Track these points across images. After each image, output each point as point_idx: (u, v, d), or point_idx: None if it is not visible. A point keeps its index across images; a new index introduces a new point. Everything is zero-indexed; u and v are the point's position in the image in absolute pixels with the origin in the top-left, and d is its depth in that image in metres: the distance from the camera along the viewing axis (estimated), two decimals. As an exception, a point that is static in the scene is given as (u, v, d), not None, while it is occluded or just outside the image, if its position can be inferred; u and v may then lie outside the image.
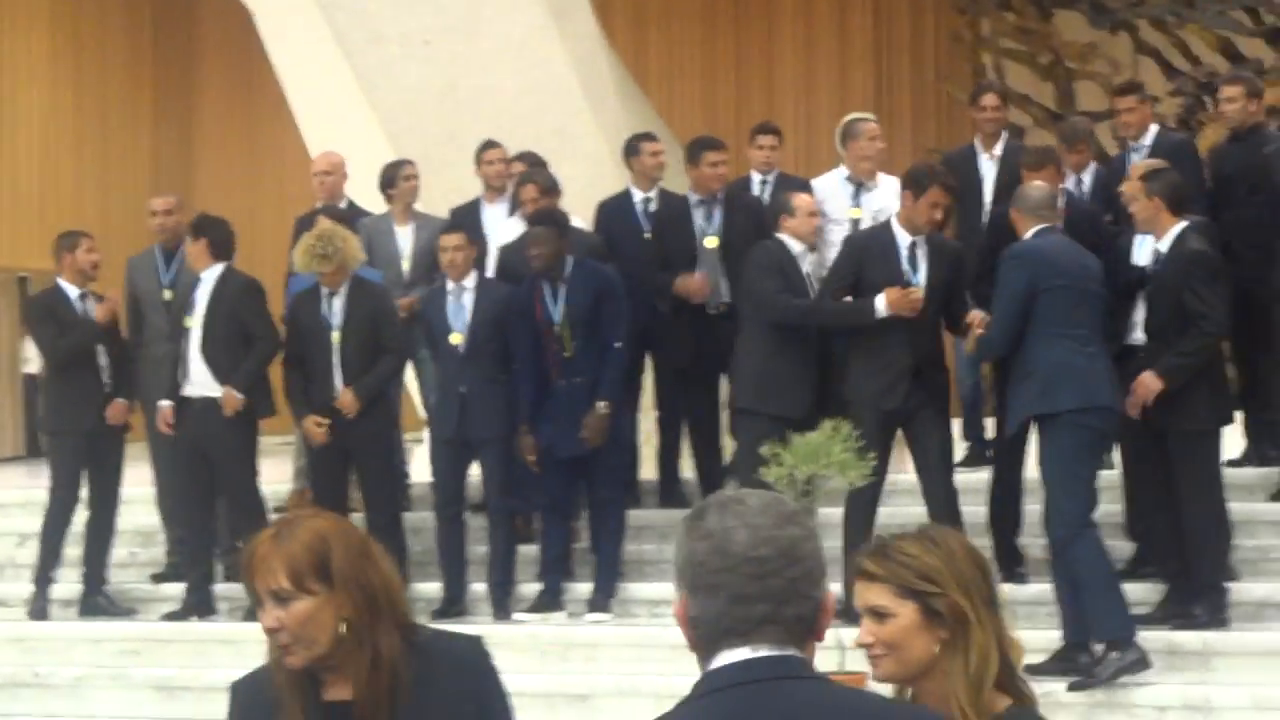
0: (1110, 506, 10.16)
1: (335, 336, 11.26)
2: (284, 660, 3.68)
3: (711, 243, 11.61)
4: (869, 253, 10.36)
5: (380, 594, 3.70)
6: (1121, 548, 10.28)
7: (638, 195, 12.14)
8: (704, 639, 2.82)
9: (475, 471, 11.45)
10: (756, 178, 12.19)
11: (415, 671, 3.69)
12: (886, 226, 10.47)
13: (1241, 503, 10.49)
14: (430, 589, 11.37)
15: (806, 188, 11.63)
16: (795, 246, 10.70)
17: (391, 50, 14.45)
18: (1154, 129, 11.71)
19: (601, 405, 10.91)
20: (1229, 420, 10.05)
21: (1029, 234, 9.75)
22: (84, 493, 11.80)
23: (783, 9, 19.09)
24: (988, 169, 11.74)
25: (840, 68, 19.20)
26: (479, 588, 11.28)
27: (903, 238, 10.31)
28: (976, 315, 10.16)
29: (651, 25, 18.54)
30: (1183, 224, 9.79)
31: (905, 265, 10.25)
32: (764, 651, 2.80)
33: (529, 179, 11.90)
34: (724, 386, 11.62)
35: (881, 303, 10.15)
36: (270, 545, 3.69)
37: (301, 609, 3.65)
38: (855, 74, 19.25)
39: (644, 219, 12.04)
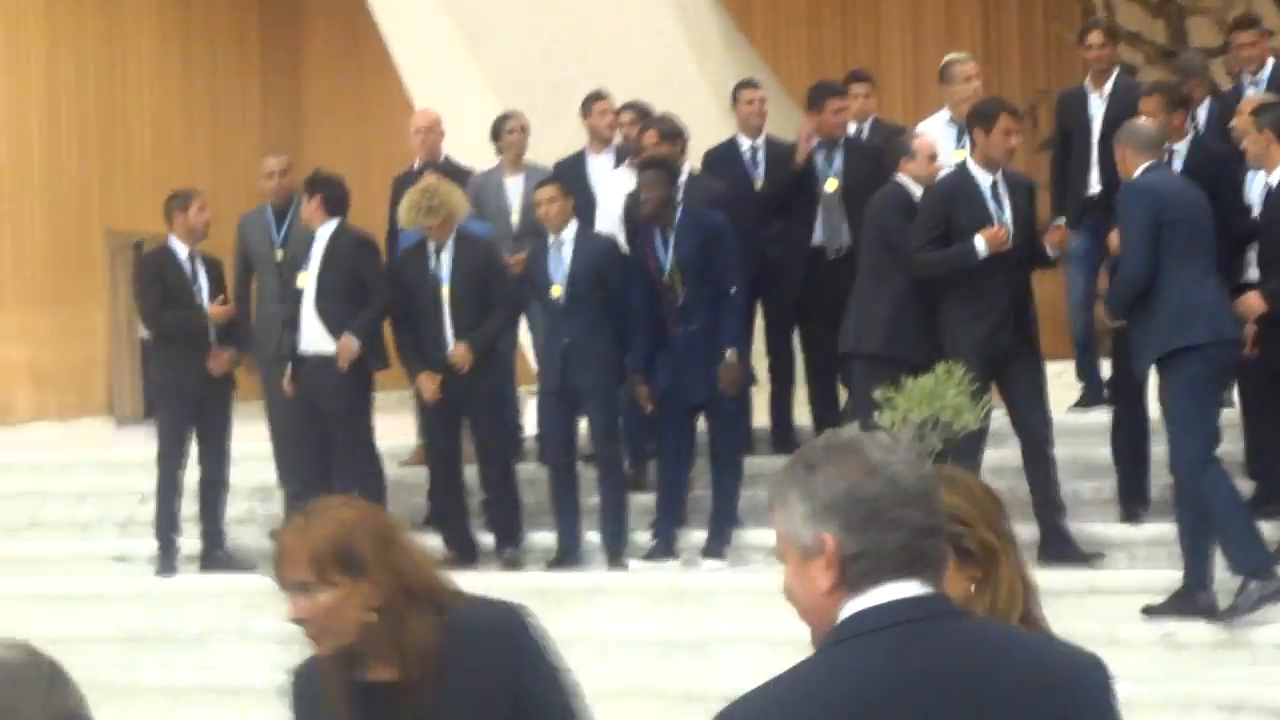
0: (1229, 445, 10.07)
1: (445, 291, 11.31)
2: (314, 648, 3.72)
3: (832, 185, 11.60)
4: (953, 198, 10.32)
5: (412, 579, 3.70)
6: (1242, 487, 10.19)
7: (744, 143, 12.12)
8: (863, 575, 2.77)
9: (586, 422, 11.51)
10: (851, 127, 12.13)
11: (448, 650, 3.69)
12: (964, 168, 10.45)
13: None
14: (546, 539, 11.43)
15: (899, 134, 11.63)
16: (915, 190, 10.67)
17: (496, 4, 14.48)
18: (1271, 63, 11.58)
19: (730, 353, 10.91)
20: None
21: (1140, 170, 9.65)
22: (196, 450, 11.94)
23: (889, -46, 18.97)
24: (1096, 107, 11.63)
25: (947, 11, 19.07)
26: (593, 537, 11.32)
27: (983, 177, 10.28)
28: (1056, 231, 10.19)
29: (756, -26, 18.48)
30: None
31: (991, 204, 10.21)
32: (929, 588, 2.78)
33: (649, 124, 11.89)
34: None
35: (981, 243, 10.11)
36: (294, 537, 3.71)
37: (326, 600, 3.66)
38: (962, 17, 19.12)
39: (751, 166, 12.03)
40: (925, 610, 2.76)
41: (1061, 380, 11.74)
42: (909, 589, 2.76)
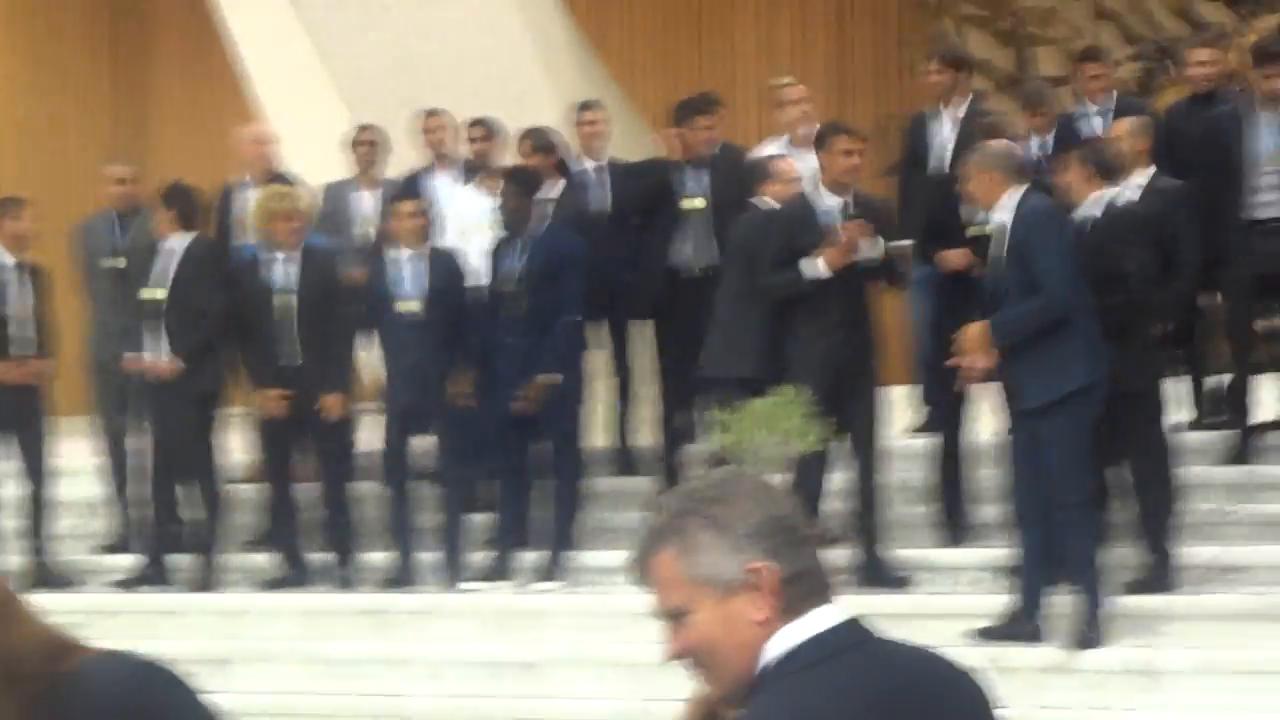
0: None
1: (286, 302, 11.20)
2: None
3: (699, 204, 11.56)
4: (792, 222, 10.37)
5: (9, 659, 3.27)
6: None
7: (587, 164, 12.13)
8: (797, 599, 2.69)
9: (421, 440, 11.43)
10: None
11: None
12: (801, 194, 10.52)
13: (1191, 467, 10.47)
14: (381, 559, 11.34)
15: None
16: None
17: (350, 18, 14.39)
18: (1115, 94, 11.76)
19: (543, 377, 10.86)
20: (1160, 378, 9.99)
21: (1017, 193, 9.55)
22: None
23: (744, -25, 19.02)
24: (936, 131, 11.66)
25: (802, 34, 19.12)
26: (426, 556, 11.24)
27: (829, 200, 10.32)
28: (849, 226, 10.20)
29: (610, -8, 18.47)
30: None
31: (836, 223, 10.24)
32: (842, 611, 2.73)
33: (526, 137, 11.93)
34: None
35: (814, 266, 10.13)
36: None
37: None
38: (817, 40, 19.16)
39: (595, 188, 12.03)
40: (865, 632, 2.73)
41: (901, 403, 11.77)
42: (833, 614, 2.71)
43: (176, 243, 11.43)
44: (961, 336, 9.54)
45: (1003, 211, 9.44)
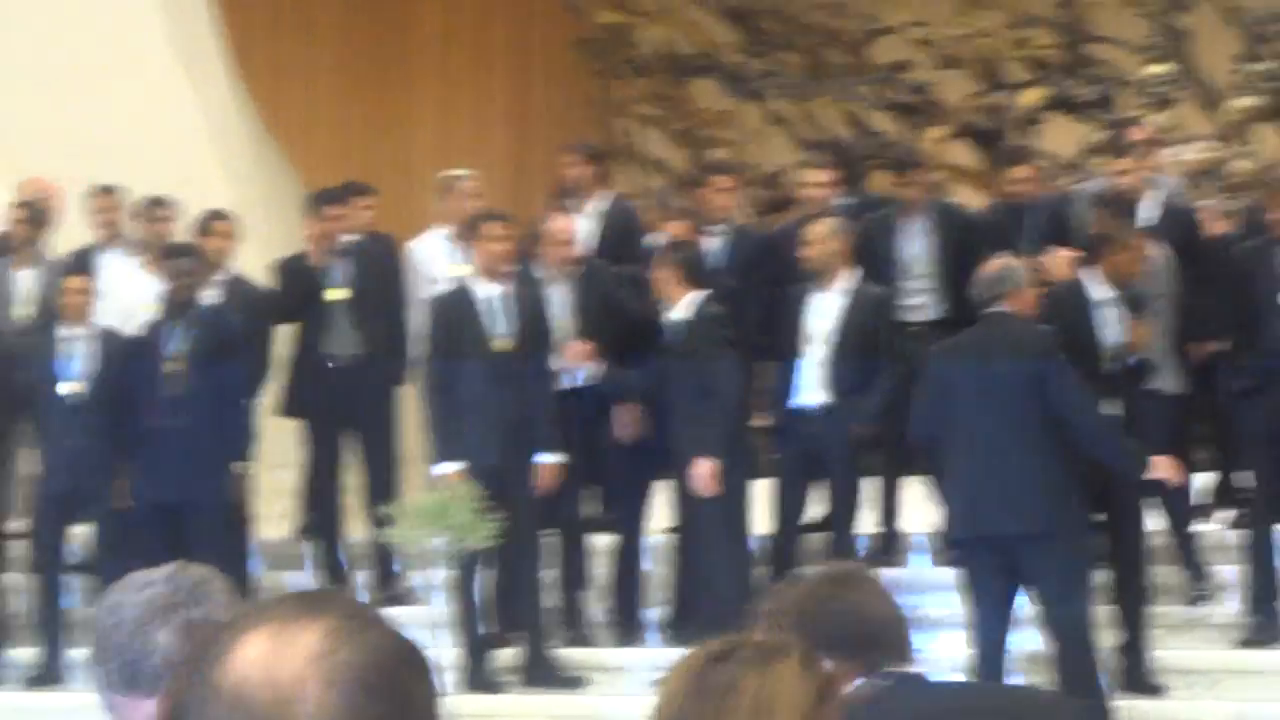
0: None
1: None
2: None
3: (340, 294, 11.41)
4: (448, 311, 10.37)
5: None
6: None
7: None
8: None
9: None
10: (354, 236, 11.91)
11: None
12: (462, 284, 10.52)
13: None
14: (27, 654, 10.94)
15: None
16: (543, 272, 10.78)
17: (20, 93, 14.04)
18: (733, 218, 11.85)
19: (238, 465, 10.64)
20: None
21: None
22: None
23: (422, 69, 18.97)
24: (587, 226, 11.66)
25: (480, 130, 19.12)
26: (76, 653, 10.85)
27: (485, 289, 10.34)
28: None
29: (288, 78, 18.27)
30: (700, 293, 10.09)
31: (490, 317, 10.28)
32: None
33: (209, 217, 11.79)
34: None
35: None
36: None
37: None
38: (495, 136, 19.19)
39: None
40: None
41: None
42: None
43: None
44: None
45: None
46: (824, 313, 10.42)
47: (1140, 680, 9.62)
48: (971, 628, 9.14)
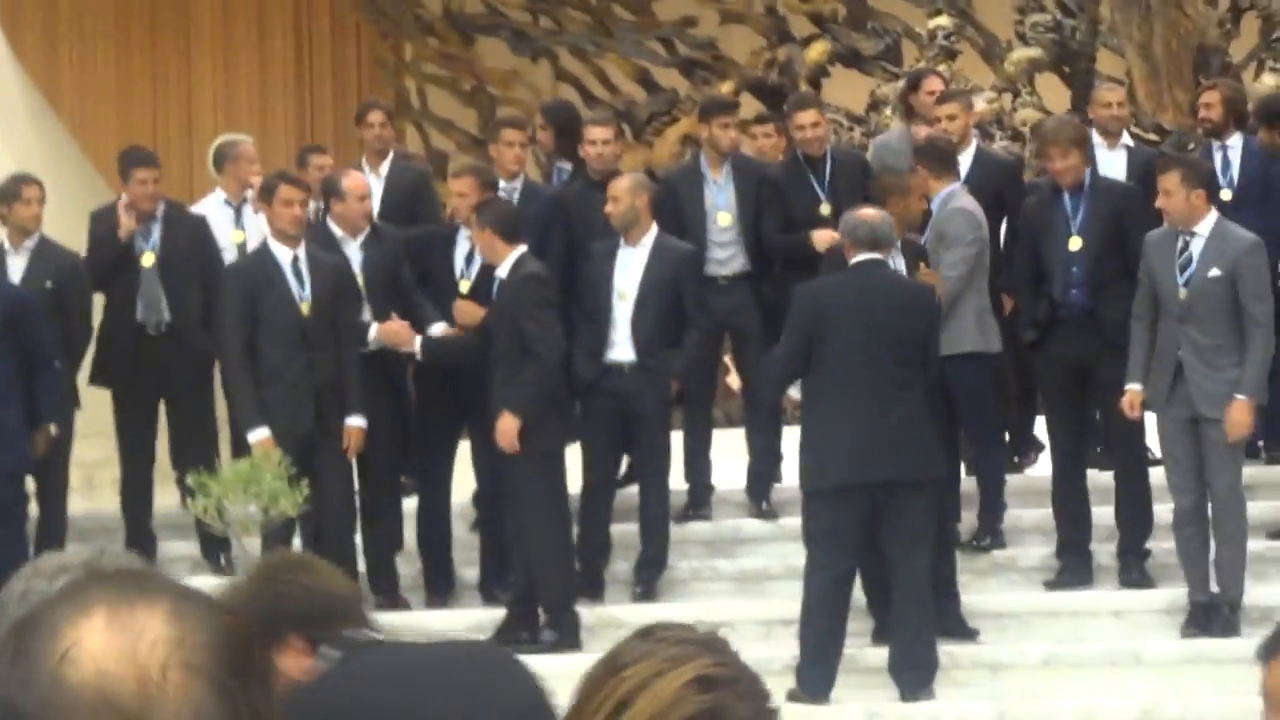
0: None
1: None
2: None
3: (149, 260, 11.11)
4: (251, 277, 10.24)
5: None
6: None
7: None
8: None
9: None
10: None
11: None
12: (264, 247, 10.36)
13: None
14: None
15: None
16: (337, 232, 10.58)
17: None
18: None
19: (52, 427, 10.36)
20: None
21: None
22: None
23: (200, 31, 18.64)
24: (378, 187, 11.47)
25: (261, 92, 18.85)
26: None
27: (283, 253, 10.23)
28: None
29: (63, 42, 17.88)
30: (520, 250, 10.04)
31: (291, 280, 10.15)
32: None
33: None
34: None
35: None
36: None
37: None
38: (276, 99, 18.92)
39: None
40: None
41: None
42: None
43: None
44: None
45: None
46: (630, 269, 10.38)
47: (955, 626, 9.75)
48: (816, 574, 9.17)
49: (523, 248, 10.06)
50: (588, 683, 2.29)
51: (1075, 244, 10.12)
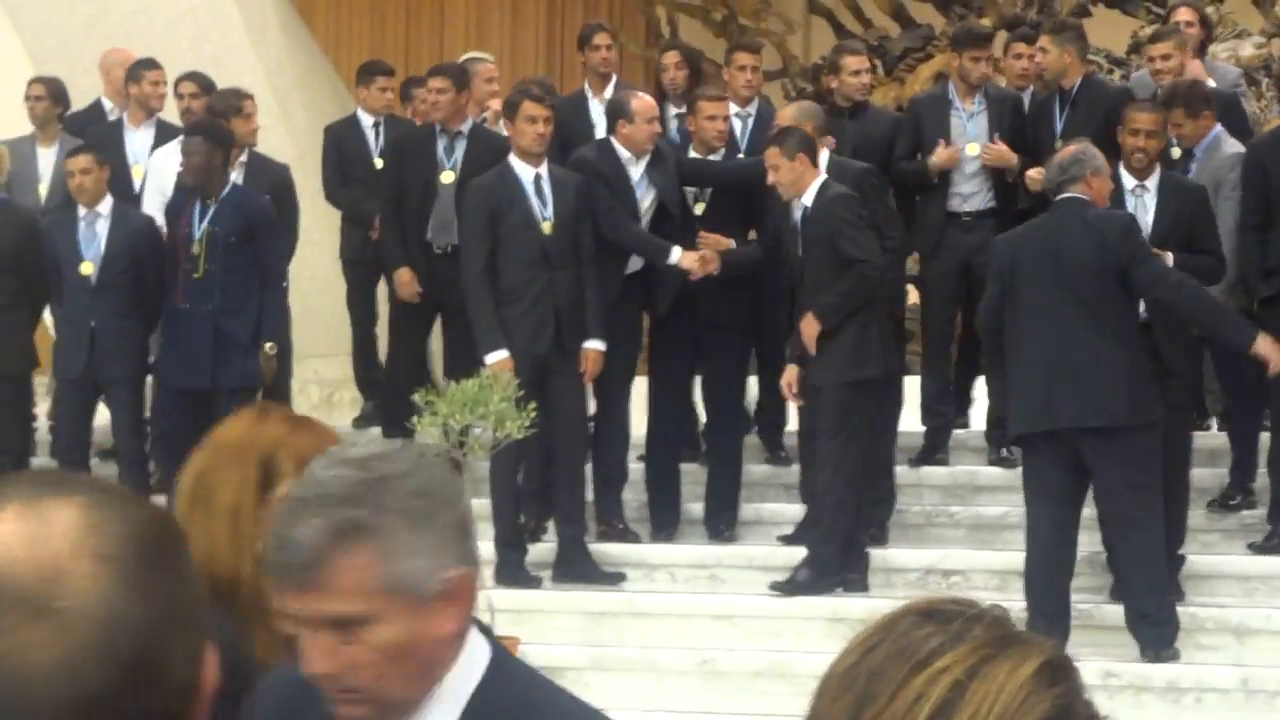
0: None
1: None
2: None
3: (448, 178, 10.97)
4: (494, 195, 9.97)
5: None
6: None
7: (366, 120, 11.88)
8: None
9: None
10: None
11: None
12: (507, 164, 10.09)
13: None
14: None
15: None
16: (624, 153, 10.31)
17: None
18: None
19: (269, 346, 10.33)
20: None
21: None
22: None
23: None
24: (598, 113, 11.25)
25: (512, 15, 18.78)
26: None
27: (524, 171, 9.99)
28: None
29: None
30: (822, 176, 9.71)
31: (534, 199, 9.93)
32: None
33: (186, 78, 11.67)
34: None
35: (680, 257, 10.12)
36: None
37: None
38: (527, 22, 18.85)
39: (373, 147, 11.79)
40: None
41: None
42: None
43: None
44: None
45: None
46: None
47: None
48: (1032, 522, 8.86)
49: (824, 174, 9.76)
50: (875, 682, 1.67)
51: None
